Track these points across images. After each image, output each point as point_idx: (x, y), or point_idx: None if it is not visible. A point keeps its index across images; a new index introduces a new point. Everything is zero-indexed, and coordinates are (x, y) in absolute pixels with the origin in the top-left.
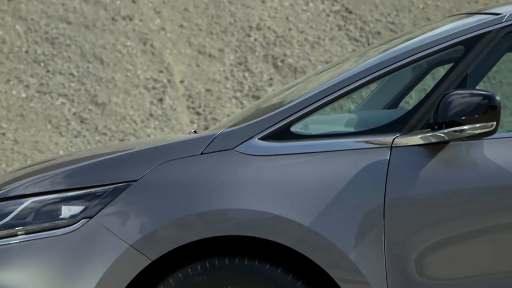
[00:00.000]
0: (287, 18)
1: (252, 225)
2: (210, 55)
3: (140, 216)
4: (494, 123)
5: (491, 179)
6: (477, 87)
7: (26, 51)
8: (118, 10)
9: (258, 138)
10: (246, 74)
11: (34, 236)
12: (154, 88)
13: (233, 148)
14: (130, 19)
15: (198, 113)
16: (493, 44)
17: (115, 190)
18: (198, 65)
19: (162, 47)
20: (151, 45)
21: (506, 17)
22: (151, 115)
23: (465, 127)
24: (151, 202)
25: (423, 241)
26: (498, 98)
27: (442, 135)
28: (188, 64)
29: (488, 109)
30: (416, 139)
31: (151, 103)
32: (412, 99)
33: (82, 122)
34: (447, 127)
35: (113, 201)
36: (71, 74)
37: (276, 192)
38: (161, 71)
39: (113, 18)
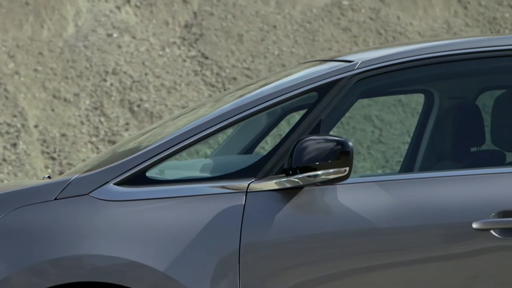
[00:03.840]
0: (143, 63)
1: (106, 271)
2: (65, 100)
3: None
4: (347, 168)
5: (344, 223)
6: (331, 132)
7: None
8: None
9: (114, 183)
10: (102, 119)
11: None
12: (7, 132)
13: (87, 194)
14: None
15: (53, 158)
16: (345, 90)
17: None
18: (53, 110)
19: (16, 91)
20: (5, 89)
21: (358, 64)
22: (4, 160)
23: (319, 172)
24: (4, 248)
25: (278, 286)
26: (351, 143)
27: (296, 180)
28: (43, 109)
29: (341, 155)
30: (271, 184)
31: (4, 148)
32: (267, 145)
33: None
34: (301, 172)
35: None
36: None
37: (131, 238)
38: (14, 116)
39: None
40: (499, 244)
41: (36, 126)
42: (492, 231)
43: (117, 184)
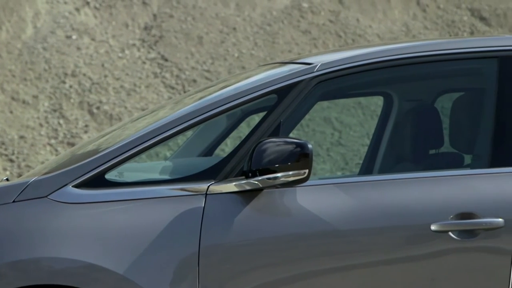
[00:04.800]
0: (102, 65)
1: (65, 273)
2: (24, 102)
3: None
4: (307, 170)
5: (304, 226)
6: (290, 135)
7: None
8: None
9: (72, 186)
10: (61, 121)
11: None
12: None
13: (46, 196)
14: None
15: (11, 160)
16: (305, 93)
17: None
18: (11, 112)
19: None
20: None
21: (318, 66)
22: None
23: (279, 174)
24: None
25: None
26: (310, 146)
27: (256, 182)
28: (1, 111)
29: (300, 157)
30: (231, 187)
31: None
32: (227, 147)
33: None
34: (261, 175)
35: None
36: None
37: (90, 240)
38: None
39: None
40: (457, 246)
41: None
42: (450, 233)
43: (76, 186)
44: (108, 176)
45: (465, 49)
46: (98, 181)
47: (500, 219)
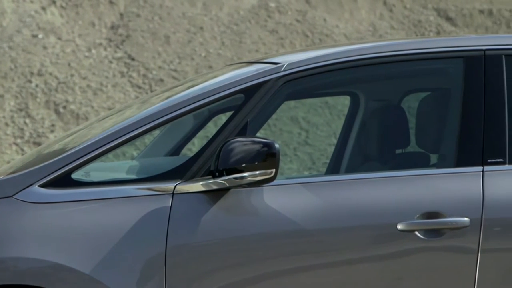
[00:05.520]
0: (69, 65)
1: (31, 273)
2: None
3: None
4: (274, 170)
5: (270, 225)
6: (257, 134)
7: None
8: None
9: (38, 186)
10: (27, 120)
11: None
12: None
13: (12, 196)
14: None
15: None
16: (272, 92)
17: None
18: None
19: None
20: None
21: (284, 66)
22: None
23: (246, 174)
24: None
25: None
26: (277, 145)
27: (223, 182)
28: None
29: (267, 157)
30: (198, 186)
31: None
32: (194, 146)
33: None
34: (228, 174)
35: None
36: None
37: (56, 240)
38: None
39: None
40: (423, 245)
41: None
42: (416, 233)
43: (42, 186)
44: (75, 175)
45: (431, 49)
46: (65, 181)
47: (466, 219)
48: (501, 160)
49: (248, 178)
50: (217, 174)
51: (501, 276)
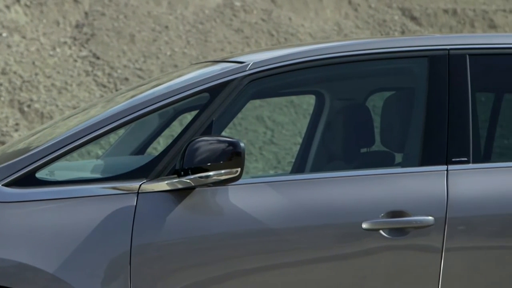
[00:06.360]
0: (33, 63)
1: None
2: None
3: None
4: (239, 169)
5: (236, 224)
6: (223, 133)
7: None
8: None
9: (2, 185)
10: None
11: None
12: None
13: None
14: None
15: None
16: (237, 91)
17: None
18: None
19: None
20: None
21: (250, 65)
22: None
23: (211, 173)
24: None
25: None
26: (242, 144)
27: (188, 181)
28: None
29: (233, 156)
30: (163, 185)
31: None
32: (159, 145)
33: None
34: (193, 173)
35: None
36: None
37: (21, 240)
38: None
39: None
40: (387, 244)
41: None
42: (381, 231)
43: (6, 185)
44: (39, 175)
45: (396, 49)
46: (29, 180)
47: (430, 217)
48: (465, 159)
49: (214, 177)
50: (182, 173)
51: (465, 275)
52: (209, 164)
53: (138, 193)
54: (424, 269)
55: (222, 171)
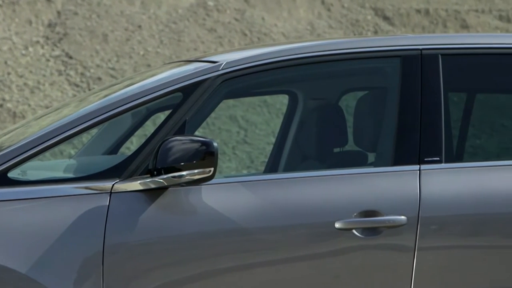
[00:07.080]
0: (5, 62)
1: None
2: None
3: None
4: (212, 169)
5: (209, 224)
6: (196, 133)
7: None
8: None
9: None
10: None
11: None
12: None
13: None
14: None
15: None
16: (210, 91)
17: None
18: None
19: None
20: None
21: (223, 65)
22: None
23: (184, 172)
24: None
25: (143, 287)
26: (215, 144)
27: (161, 180)
28: None
29: (206, 155)
30: (136, 185)
31: None
32: (132, 145)
33: None
34: (166, 173)
35: None
36: None
37: None
38: None
39: None
40: (360, 244)
41: None
42: (354, 231)
43: None
44: (11, 174)
45: (369, 49)
46: (1, 180)
47: (403, 217)
48: (438, 158)
49: (187, 177)
50: (155, 172)
51: (437, 274)
52: (182, 163)
53: (111, 192)
54: (396, 268)
55: (195, 171)
